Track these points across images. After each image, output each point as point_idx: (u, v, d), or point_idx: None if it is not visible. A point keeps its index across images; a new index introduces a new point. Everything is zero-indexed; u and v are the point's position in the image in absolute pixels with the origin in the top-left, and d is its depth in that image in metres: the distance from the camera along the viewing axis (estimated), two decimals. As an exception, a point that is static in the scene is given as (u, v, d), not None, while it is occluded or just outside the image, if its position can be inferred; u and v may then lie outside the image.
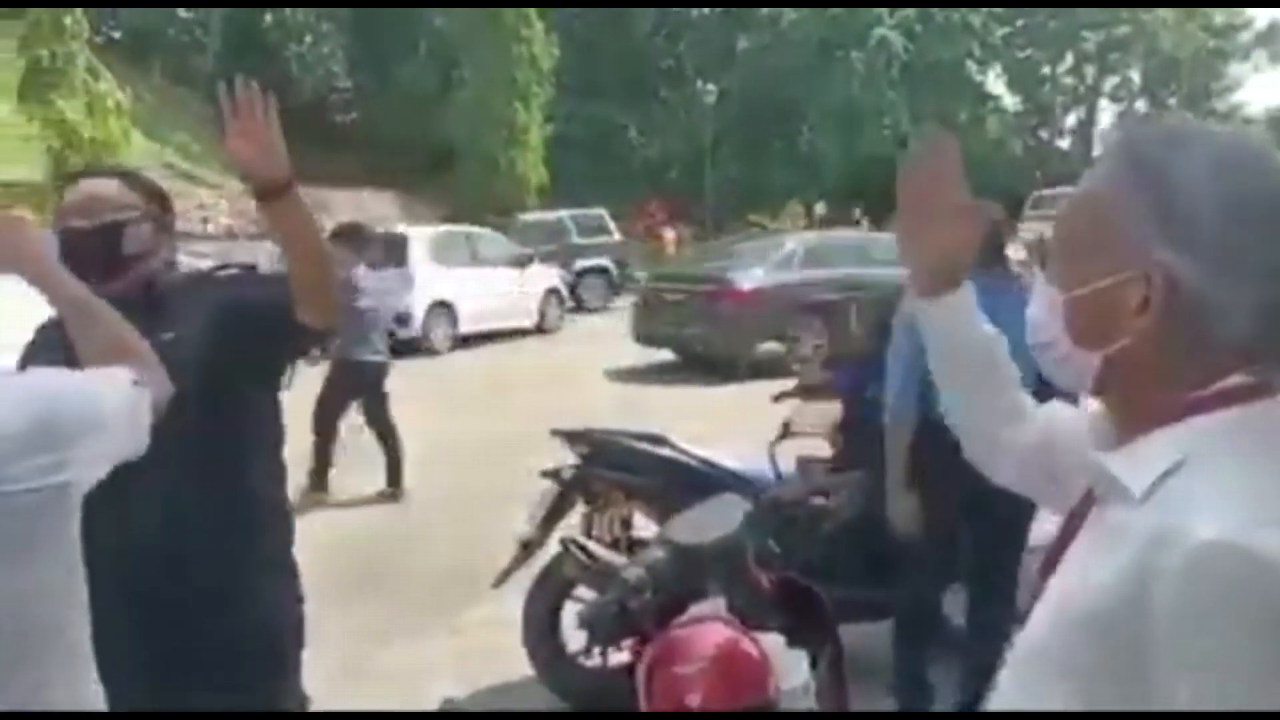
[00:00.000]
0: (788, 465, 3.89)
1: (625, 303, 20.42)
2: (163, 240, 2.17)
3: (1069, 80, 40.96)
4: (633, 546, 3.58)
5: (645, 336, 12.78)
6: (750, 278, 11.81)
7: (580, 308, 19.04)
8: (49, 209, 13.95)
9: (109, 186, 2.12)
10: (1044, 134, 40.56)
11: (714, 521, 2.28)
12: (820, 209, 25.22)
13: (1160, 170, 0.93)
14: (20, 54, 16.39)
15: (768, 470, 3.64)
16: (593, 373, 12.10)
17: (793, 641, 2.18)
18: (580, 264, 19.75)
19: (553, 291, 17.13)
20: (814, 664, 2.22)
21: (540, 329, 16.48)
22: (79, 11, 16.82)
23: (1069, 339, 0.99)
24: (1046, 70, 40.43)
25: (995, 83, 39.89)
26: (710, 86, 30.29)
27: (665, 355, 12.92)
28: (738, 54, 34.61)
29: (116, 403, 1.49)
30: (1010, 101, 40.66)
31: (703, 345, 11.91)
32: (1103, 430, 1.01)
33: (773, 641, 2.15)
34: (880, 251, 11.59)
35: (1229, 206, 0.90)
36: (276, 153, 1.90)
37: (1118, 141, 0.99)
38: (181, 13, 29.61)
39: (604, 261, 20.33)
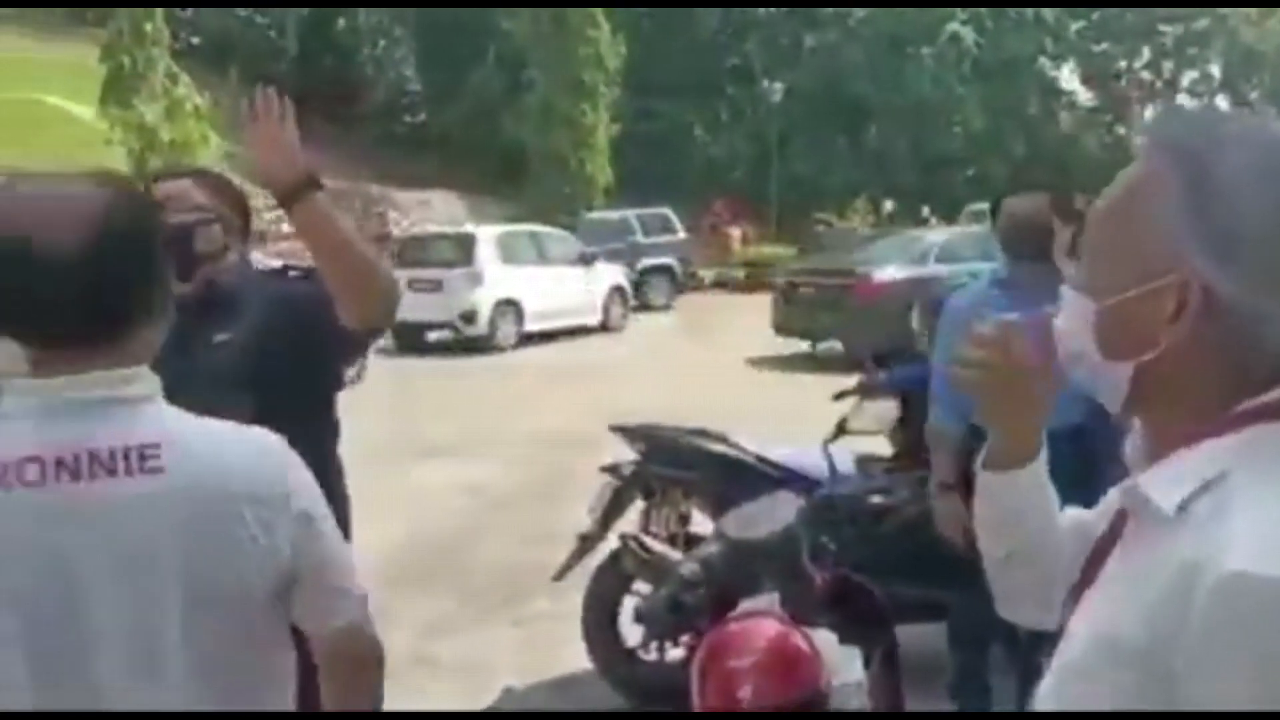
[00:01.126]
0: (846, 463, 3.89)
1: (688, 301, 20.48)
2: (235, 241, 2.20)
3: (1146, 75, 39.89)
4: (690, 542, 3.60)
5: (783, 328, 13.24)
6: (886, 271, 12.13)
7: (645, 306, 19.09)
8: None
9: (184, 187, 2.16)
10: (1120, 130, 39.54)
11: (768, 517, 2.30)
12: (889, 206, 24.94)
13: (1200, 170, 0.86)
14: (103, 60, 16.94)
15: (825, 467, 3.64)
16: (656, 370, 12.14)
17: (846, 638, 2.19)
18: (645, 262, 19.80)
19: (617, 289, 17.22)
20: (867, 662, 2.23)
21: (605, 327, 16.57)
22: (159, 19, 17.33)
23: (1099, 350, 0.93)
24: (1122, 65, 39.40)
25: (1069, 78, 39.02)
26: (777, 84, 30.11)
27: (712, 351, 12.92)
28: (805, 51, 34.34)
29: (336, 553, 1.40)
30: (1084, 97, 39.74)
31: (838, 338, 12.37)
32: (1138, 448, 0.96)
33: (825, 638, 2.16)
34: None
35: (1273, 212, 0.84)
36: (294, 157, 1.90)
37: (1154, 136, 0.93)
38: (258, 18, 30.32)
39: (668, 260, 20.37)
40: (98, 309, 1.23)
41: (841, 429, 3.71)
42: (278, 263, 2.34)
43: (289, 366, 2.04)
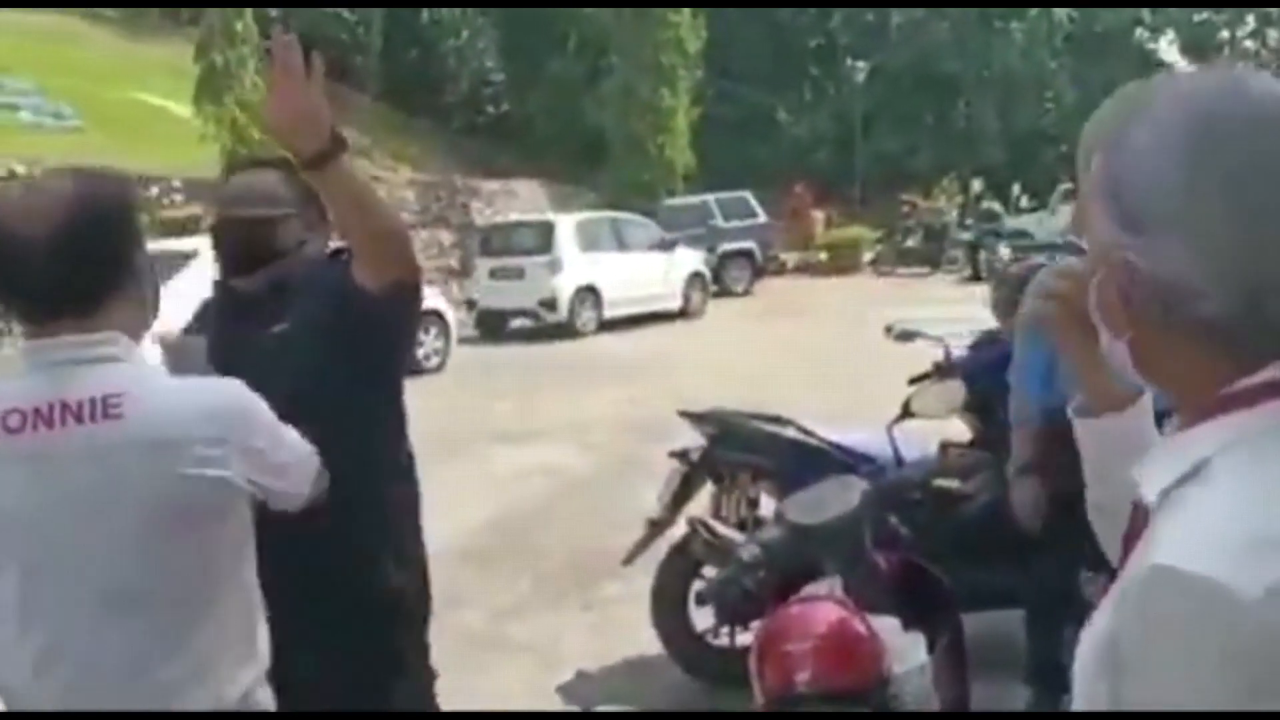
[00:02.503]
0: (917, 447, 3.81)
1: (769, 285, 20.31)
2: (313, 236, 2.20)
3: (1250, 44, 38.22)
4: (758, 526, 3.58)
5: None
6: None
7: (724, 291, 19.00)
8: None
9: (269, 180, 2.14)
10: (1223, 101, 37.98)
11: (831, 501, 2.27)
12: (977, 186, 24.40)
13: (1115, 145, 0.84)
14: (197, 59, 17.46)
15: (884, 451, 3.57)
16: (735, 356, 12.08)
17: (910, 624, 2.15)
18: (725, 247, 19.68)
19: (697, 275, 17.17)
20: (931, 647, 2.18)
21: (684, 312, 16.54)
22: (249, 18, 17.78)
23: (1105, 331, 0.90)
24: (1225, 35, 37.82)
25: (1168, 49, 37.61)
26: (861, 63, 29.58)
27: (793, 337, 12.77)
28: (891, 29, 33.73)
29: (295, 452, 1.63)
30: (1184, 69, 38.36)
31: None
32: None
33: (888, 623, 2.13)
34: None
35: (1184, 176, 0.78)
36: (319, 121, 1.75)
37: (1096, 114, 0.93)
38: (344, 14, 30.91)
39: (748, 244, 20.21)
40: (67, 286, 1.46)
41: (907, 412, 3.63)
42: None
43: (339, 351, 2.03)
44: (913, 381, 4.03)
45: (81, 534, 1.43)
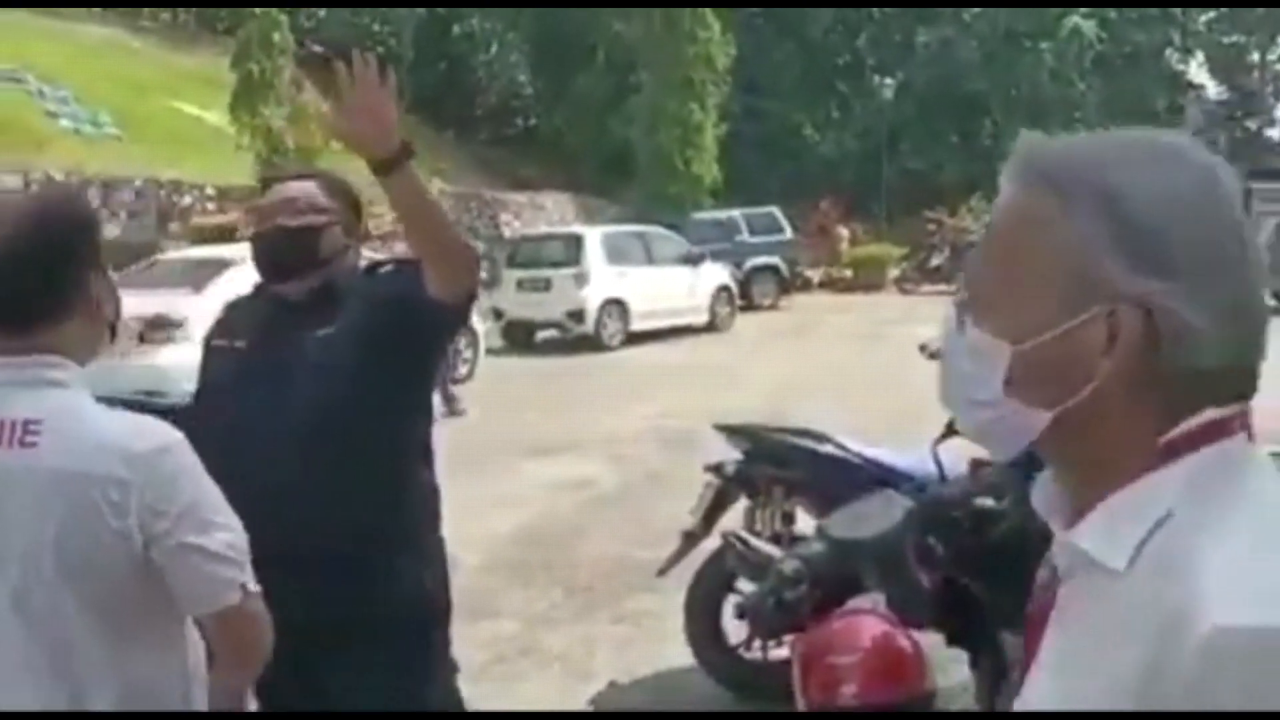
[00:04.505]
0: (956, 465, 3.81)
1: (795, 301, 20.32)
2: (352, 244, 2.26)
3: (1281, 67, 37.99)
4: (794, 542, 3.60)
5: None
6: None
7: (751, 306, 19.02)
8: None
9: (310, 189, 2.20)
10: (1251, 124, 37.70)
11: (873, 517, 2.30)
12: (1003, 205, 24.25)
13: (1109, 188, 0.81)
14: (234, 68, 17.72)
15: (932, 468, 3.58)
16: (761, 370, 12.10)
17: (952, 641, 2.18)
18: (751, 262, 19.72)
19: (723, 289, 17.20)
20: (974, 663, 2.21)
21: (711, 327, 16.57)
22: (285, 27, 18.03)
23: (1014, 397, 0.84)
24: (1255, 57, 37.59)
25: (1198, 71, 37.43)
26: (888, 81, 29.63)
27: (818, 352, 12.76)
28: (918, 47, 33.71)
29: (212, 552, 1.50)
30: (1214, 90, 38.04)
31: None
32: (1054, 501, 0.87)
33: (931, 639, 2.15)
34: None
35: (1193, 220, 0.79)
36: (391, 129, 1.86)
37: (1032, 166, 0.86)
38: (376, 26, 31.24)
39: (775, 260, 20.25)
40: (8, 306, 1.45)
41: (951, 429, 3.64)
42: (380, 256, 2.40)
43: (386, 357, 2.10)
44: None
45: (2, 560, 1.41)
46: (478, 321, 12.73)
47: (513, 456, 7.82)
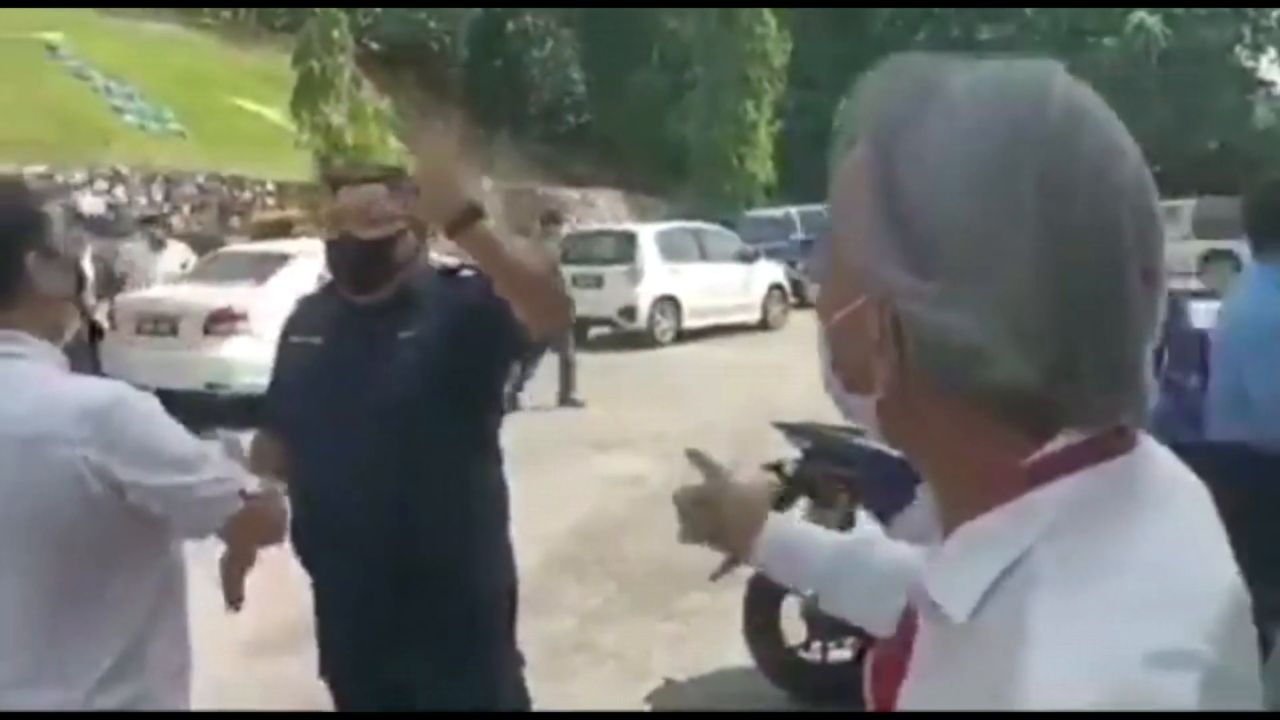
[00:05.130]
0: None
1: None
2: (421, 246, 2.28)
3: (1357, 62, 36.86)
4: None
5: None
6: None
7: (804, 303, 18.88)
8: (316, 208, 15.12)
9: (380, 195, 2.20)
10: (1326, 122, 36.65)
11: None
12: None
13: (900, 145, 0.65)
14: (294, 66, 17.97)
15: None
16: (813, 369, 11.97)
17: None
18: (805, 260, 19.58)
19: (776, 287, 17.08)
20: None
21: (763, 324, 16.47)
22: (345, 25, 18.25)
23: (838, 378, 0.75)
24: (1330, 52, 36.53)
25: (1269, 68, 36.43)
26: (946, 79, 29.22)
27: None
28: (978, 44, 33.24)
29: (194, 482, 1.58)
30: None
31: None
32: (933, 515, 0.73)
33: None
34: None
35: (974, 209, 0.62)
36: (459, 191, 1.93)
37: (861, 103, 0.70)
38: (432, 24, 31.50)
39: (830, 258, 20.08)
40: None
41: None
42: (453, 260, 2.41)
43: (463, 362, 2.12)
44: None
45: None
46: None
47: (565, 453, 7.83)
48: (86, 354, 1.68)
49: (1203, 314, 3.84)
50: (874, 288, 0.67)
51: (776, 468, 3.98)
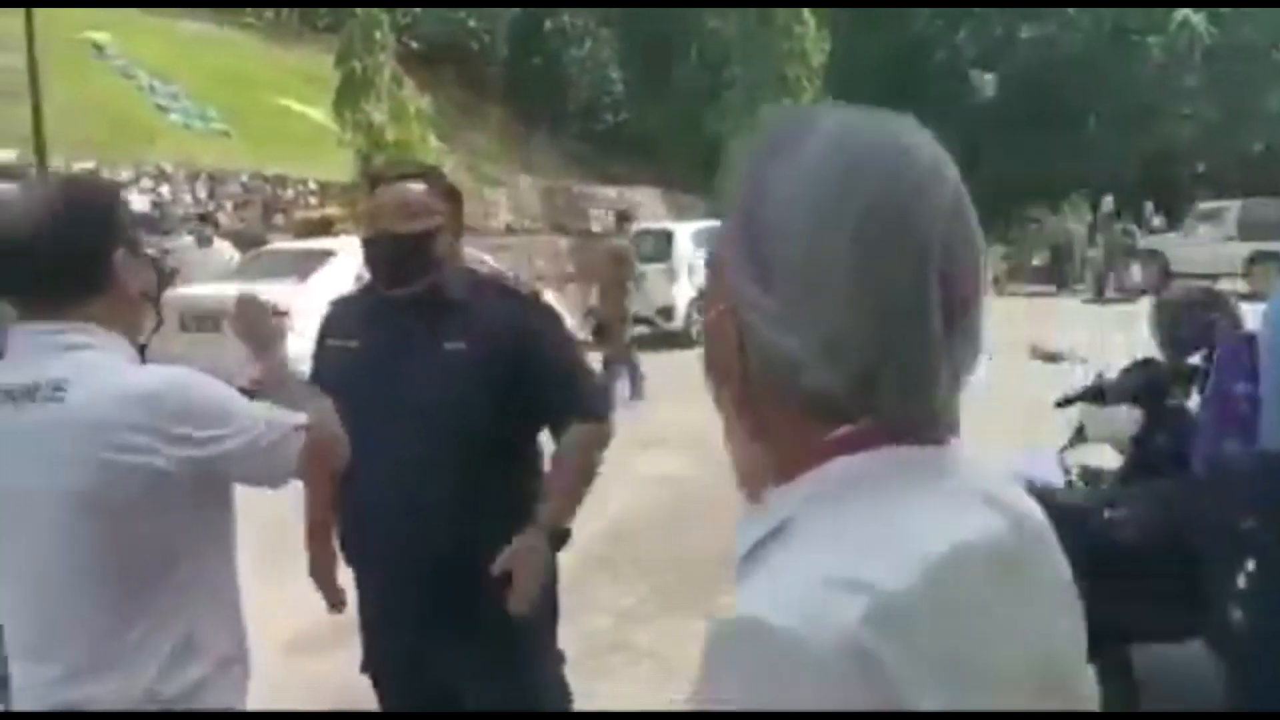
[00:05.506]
0: (1058, 473, 3.67)
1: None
2: (457, 243, 2.31)
3: None
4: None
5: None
6: None
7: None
8: (357, 206, 15.23)
9: (417, 193, 2.22)
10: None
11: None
12: (1108, 204, 23.56)
13: (754, 181, 0.78)
14: (337, 65, 18.12)
15: (1055, 476, 3.46)
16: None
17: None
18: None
19: (816, 289, 16.98)
20: (1102, 677, 2.11)
21: (801, 325, 16.39)
22: (386, 25, 18.37)
23: (709, 373, 0.86)
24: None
25: (1318, 66, 35.69)
26: (988, 77, 28.90)
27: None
28: (1020, 43, 32.87)
29: (256, 434, 1.63)
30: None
31: None
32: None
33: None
34: None
35: (808, 237, 0.74)
36: (538, 577, 2.17)
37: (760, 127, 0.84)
38: (472, 23, 31.64)
39: (867, 258, 19.92)
40: (43, 280, 1.59)
41: (1080, 435, 3.51)
42: (483, 262, 2.43)
43: (514, 378, 2.17)
44: (1061, 405, 3.91)
45: (20, 509, 1.54)
46: (568, 316, 12.80)
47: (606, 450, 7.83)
48: (136, 348, 1.70)
49: (1250, 316, 3.77)
50: (731, 297, 0.78)
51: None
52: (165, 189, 16.76)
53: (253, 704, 1.78)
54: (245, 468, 1.63)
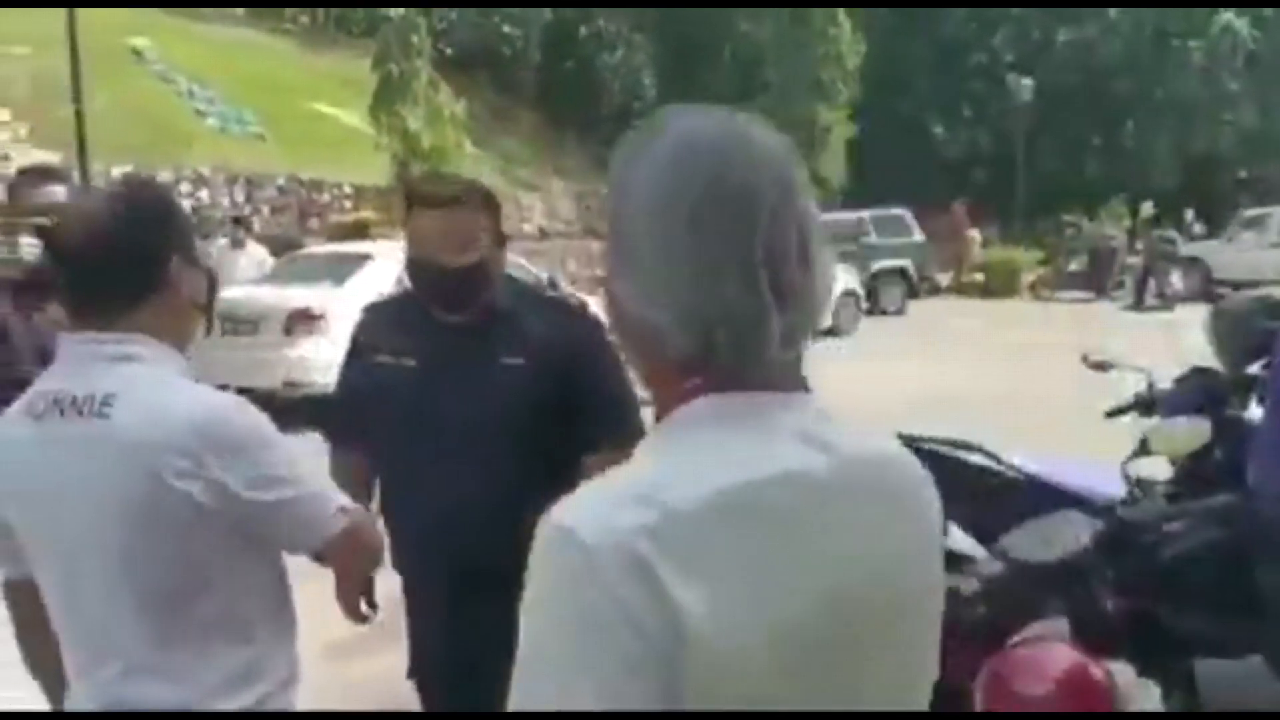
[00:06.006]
0: (1118, 485, 3.59)
1: (923, 306, 19.80)
2: (501, 251, 2.25)
3: None
4: (948, 560, 3.44)
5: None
6: None
7: (876, 310, 18.63)
8: (392, 210, 15.32)
9: (465, 220, 2.14)
10: None
11: (1058, 538, 2.17)
12: (1147, 209, 23.26)
13: (615, 177, 0.93)
14: (374, 70, 18.24)
15: (1114, 488, 3.38)
16: (890, 377, 11.81)
17: (1145, 671, 2.03)
18: (878, 265, 19.30)
19: (849, 293, 16.85)
20: (1166, 694, 2.06)
21: (834, 331, 16.27)
22: (423, 30, 18.48)
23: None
24: None
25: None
26: (1026, 81, 28.62)
27: (945, 359, 12.37)
28: (1058, 46, 32.54)
29: (296, 495, 1.57)
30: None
31: None
32: None
33: (1121, 670, 2.01)
34: None
35: (660, 215, 0.88)
36: None
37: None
38: (505, 28, 31.77)
39: (903, 263, 19.76)
40: (96, 288, 1.56)
41: (1145, 447, 3.44)
42: (521, 266, 2.40)
43: (568, 390, 2.15)
44: (1111, 415, 3.83)
45: (69, 522, 1.50)
46: (602, 318, 12.77)
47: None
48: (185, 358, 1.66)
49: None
50: (606, 281, 0.93)
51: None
52: (204, 193, 16.94)
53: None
54: (271, 526, 1.56)
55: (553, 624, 0.81)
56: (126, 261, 1.56)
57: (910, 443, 3.81)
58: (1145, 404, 3.71)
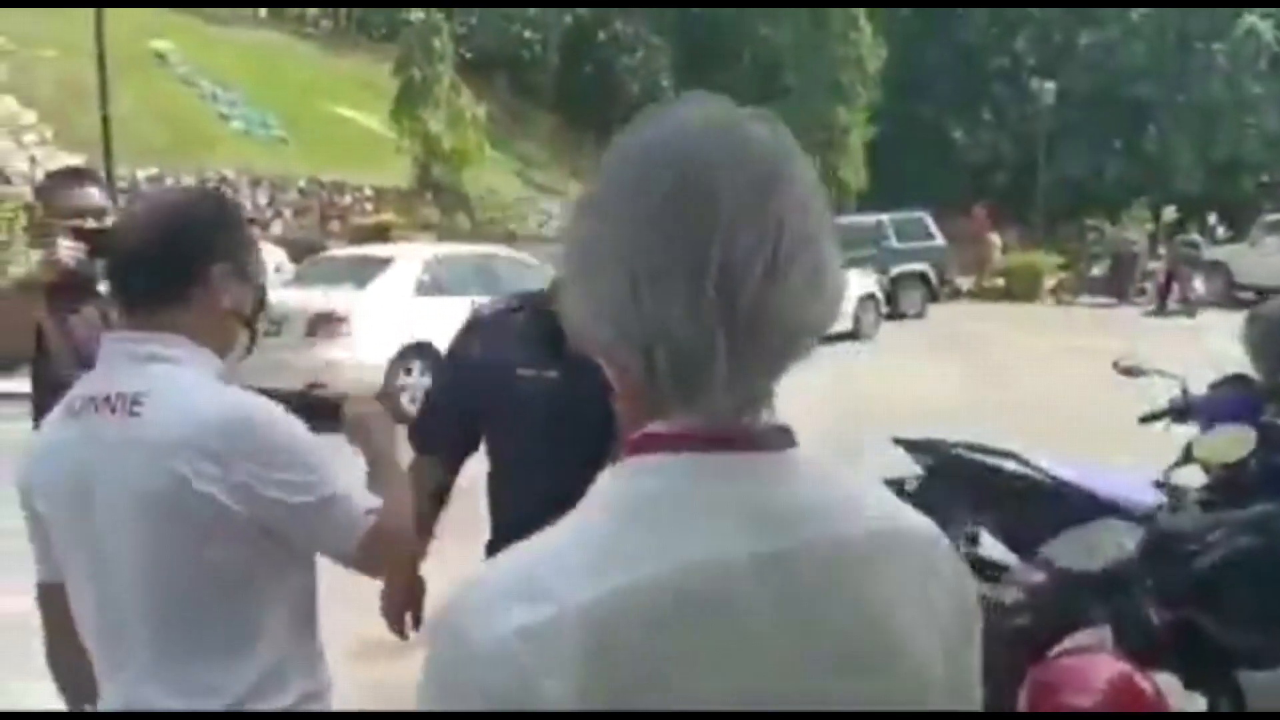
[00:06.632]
0: (1149, 493, 3.56)
1: (943, 310, 19.71)
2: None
3: None
4: (980, 568, 3.42)
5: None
6: None
7: (896, 314, 18.56)
8: (413, 213, 15.34)
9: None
10: None
11: (1101, 548, 2.15)
12: (1170, 213, 23.11)
13: (593, 177, 0.85)
14: (395, 74, 18.32)
15: (1146, 496, 3.35)
16: (911, 381, 11.77)
17: (1190, 682, 2.01)
18: (898, 269, 19.22)
19: (869, 297, 16.79)
20: (1212, 706, 2.04)
21: (854, 335, 16.21)
22: (445, 34, 18.55)
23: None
24: None
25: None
26: (1047, 84, 28.49)
27: (966, 362, 12.30)
28: (1080, 49, 32.36)
29: (324, 496, 1.54)
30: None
31: None
32: None
33: (1166, 680, 1.99)
34: None
35: (608, 223, 0.78)
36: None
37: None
38: (526, 32, 31.89)
39: (923, 267, 19.67)
40: (138, 289, 1.59)
41: (1189, 455, 3.40)
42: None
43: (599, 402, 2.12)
44: (1145, 421, 3.79)
45: (97, 519, 1.51)
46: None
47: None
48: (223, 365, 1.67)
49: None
50: (562, 285, 0.84)
51: (897, 484, 3.86)
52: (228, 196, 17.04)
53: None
54: (298, 530, 1.54)
55: (426, 706, 0.76)
56: (163, 260, 1.58)
57: (942, 448, 3.81)
58: (1180, 411, 3.67)
